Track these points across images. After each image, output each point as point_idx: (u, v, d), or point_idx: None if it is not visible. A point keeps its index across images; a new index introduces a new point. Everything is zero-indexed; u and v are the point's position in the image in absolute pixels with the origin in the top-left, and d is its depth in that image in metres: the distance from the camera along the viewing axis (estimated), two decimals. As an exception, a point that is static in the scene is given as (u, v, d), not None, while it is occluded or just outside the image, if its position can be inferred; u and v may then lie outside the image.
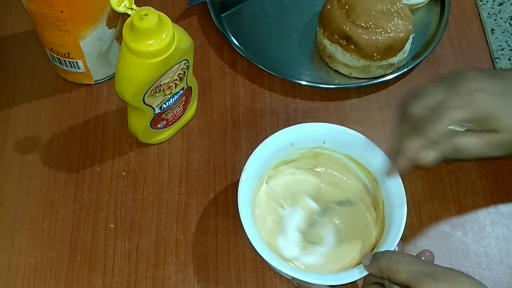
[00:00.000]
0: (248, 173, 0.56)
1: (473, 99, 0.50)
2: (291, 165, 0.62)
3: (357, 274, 0.51)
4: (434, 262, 0.53)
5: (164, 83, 0.57)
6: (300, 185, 0.61)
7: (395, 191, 0.56)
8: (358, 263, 0.53)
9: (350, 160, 0.60)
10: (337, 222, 0.59)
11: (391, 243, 0.52)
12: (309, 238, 0.58)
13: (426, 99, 0.52)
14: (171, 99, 0.60)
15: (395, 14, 0.67)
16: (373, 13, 0.67)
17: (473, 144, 0.51)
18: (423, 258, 0.52)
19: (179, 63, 0.56)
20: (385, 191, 0.57)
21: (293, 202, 0.60)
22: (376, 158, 0.57)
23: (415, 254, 0.53)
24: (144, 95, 0.56)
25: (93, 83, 0.69)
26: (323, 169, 0.62)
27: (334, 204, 0.60)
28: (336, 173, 0.62)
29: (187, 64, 0.58)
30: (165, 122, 0.63)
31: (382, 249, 0.52)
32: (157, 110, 0.60)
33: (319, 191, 0.61)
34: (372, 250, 0.56)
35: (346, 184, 0.61)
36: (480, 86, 0.50)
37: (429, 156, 0.51)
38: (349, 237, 0.58)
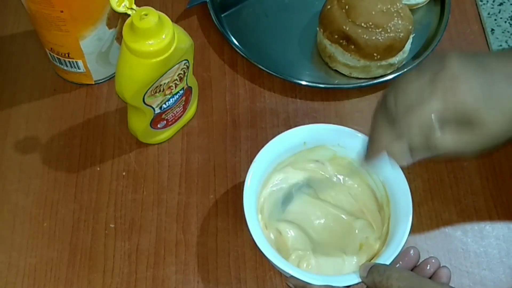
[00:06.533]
0: (256, 168, 0.56)
1: (452, 94, 0.46)
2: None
3: (356, 278, 0.52)
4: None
5: (164, 83, 0.57)
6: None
7: (403, 207, 0.55)
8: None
9: (363, 168, 0.60)
10: (343, 227, 0.59)
11: (389, 256, 0.52)
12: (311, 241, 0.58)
13: (406, 90, 0.48)
14: (171, 99, 0.60)
15: (395, 14, 0.67)
16: (373, 13, 0.67)
17: (449, 142, 0.47)
18: (428, 266, 0.52)
19: (179, 63, 0.56)
20: (393, 204, 0.57)
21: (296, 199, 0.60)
22: (389, 171, 0.57)
23: (418, 258, 0.53)
24: (144, 95, 0.56)
25: (93, 83, 0.69)
26: (335, 173, 0.62)
27: (341, 209, 0.60)
28: (347, 179, 0.62)
29: (187, 64, 0.58)
30: (165, 122, 0.63)
31: (380, 260, 0.52)
32: (157, 110, 0.60)
33: (326, 195, 0.61)
34: (372, 259, 0.56)
35: (357, 191, 0.61)
36: (461, 82, 0.46)
37: (398, 150, 0.49)
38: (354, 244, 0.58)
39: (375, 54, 0.67)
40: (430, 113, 0.46)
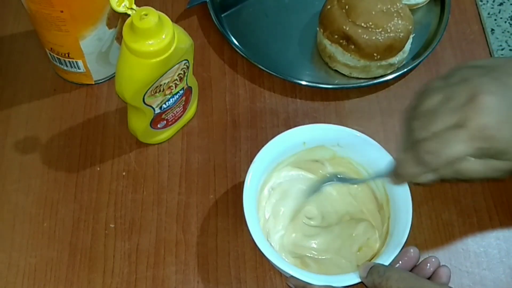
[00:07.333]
0: (256, 169, 0.56)
1: (481, 136, 0.45)
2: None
3: (356, 278, 0.52)
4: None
5: (164, 83, 0.57)
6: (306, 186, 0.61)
7: (403, 207, 0.55)
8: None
9: (362, 168, 0.60)
10: (339, 230, 0.59)
11: (389, 256, 0.53)
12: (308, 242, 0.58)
13: (433, 124, 0.47)
14: (171, 99, 0.60)
15: (395, 14, 0.67)
16: (373, 13, 0.67)
17: (477, 169, 0.48)
18: (428, 265, 0.52)
19: (179, 63, 0.56)
20: (393, 204, 0.57)
21: (296, 202, 0.60)
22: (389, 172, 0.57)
23: (416, 257, 0.53)
24: (144, 95, 0.56)
25: (93, 83, 0.69)
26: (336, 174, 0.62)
27: (341, 209, 0.60)
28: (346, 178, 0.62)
29: (187, 64, 0.58)
30: (165, 122, 0.63)
31: (379, 260, 0.52)
32: (157, 110, 0.60)
33: (326, 194, 0.61)
34: (372, 258, 0.56)
35: (356, 191, 0.61)
36: (491, 122, 0.45)
37: (426, 179, 0.50)
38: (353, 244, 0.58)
39: (375, 54, 0.67)
40: (458, 154, 0.46)
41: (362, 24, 0.66)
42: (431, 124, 0.47)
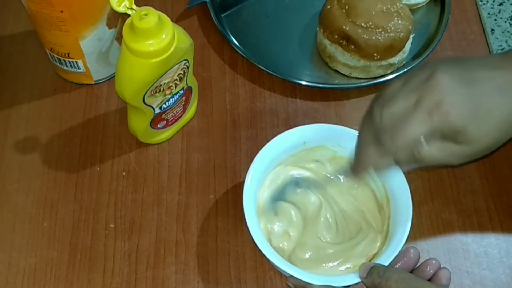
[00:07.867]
0: (256, 169, 0.56)
1: (437, 112, 0.45)
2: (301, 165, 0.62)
3: (355, 278, 0.52)
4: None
5: (164, 83, 0.57)
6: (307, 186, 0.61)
7: (403, 207, 0.55)
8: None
9: None
10: (340, 226, 0.59)
11: (389, 256, 0.53)
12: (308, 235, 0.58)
13: (391, 105, 0.48)
14: (171, 99, 0.60)
15: (395, 14, 0.67)
16: (373, 13, 0.67)
17: (435, 155, 0.47)
18: (428, 267, 0.52)
19: (179, 63, 0.56)
20: (393, 204, 0.57)
21: (295, 198, 0.60)
22: (390, 173, 0.57)
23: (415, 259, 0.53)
24: (144, 95, 0.56)
25: (93, 83, 0.69)
26: (335, 173, 0.62)
27: (338, 205, 0.60)
28: (347, 179, 0.61)
29: (187, 64, 0.58)
30: (165, 122, 0.63)
31: (379, 260, 0.52)
32: (157, 110, 0.60)
33: (326, 191, 0.61)
34: (373, 258, 0.56)
35: (357, 191, 0.61)
36: (447, 98, 0.45)
37: (385, 165, 0.50)
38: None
39: (375, 54, 0.67)
40: (416, 134, 0.46)
41: (362, 24, 0.66)
42: (390, 106, 0.48)
